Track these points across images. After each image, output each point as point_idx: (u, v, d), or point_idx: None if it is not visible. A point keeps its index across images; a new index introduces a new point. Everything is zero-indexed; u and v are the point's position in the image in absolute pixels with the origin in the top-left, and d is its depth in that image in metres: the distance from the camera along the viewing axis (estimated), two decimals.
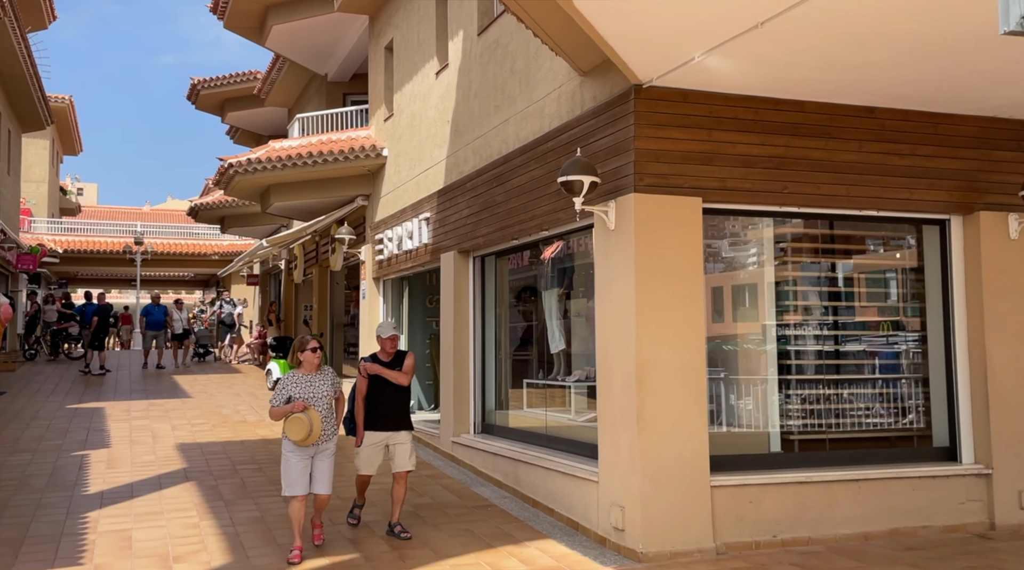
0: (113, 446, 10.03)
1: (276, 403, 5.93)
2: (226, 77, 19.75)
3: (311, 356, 6.01)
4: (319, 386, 5.99)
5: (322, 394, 5.98)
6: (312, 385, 5.96)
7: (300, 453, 5.93)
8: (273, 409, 5.96)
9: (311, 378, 6.00)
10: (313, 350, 6.02)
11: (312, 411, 5.81)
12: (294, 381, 5.96)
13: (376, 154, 12.52)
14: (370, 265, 13.11)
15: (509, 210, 8.22)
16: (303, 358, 6.02)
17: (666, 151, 6.07)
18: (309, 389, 5.93)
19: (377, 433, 6.60)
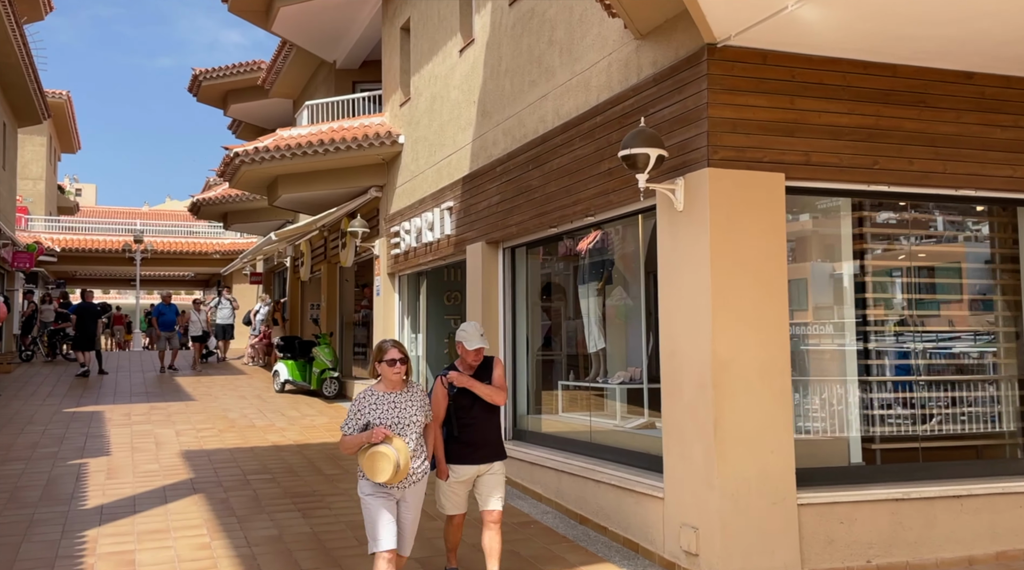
0: (113, 453, 9.28)
1: (349, 431, 4.49)
2: (229, 67, 19.01)
3: (393, 371, 4.50)
4: (406, 409, 4.53)
5: (410, 419, 4.53)
6: (396, 407, 4.52)
7: (384, 495, 4.51)
8: (345, 439, 4.49)
9: (395, 398, 4.53)
10: (392, 362, 4.50)
11: (398, 441, 4.40)
12: (372, 402, 4.52)
13: (391, 141, 11.77)
14: (384, 260, 12.36)
15: (548, 195, 7.47)
16: (383, 372, 4.53)
17: (743, 120, 5.32)
18: (393, 412, 4.50)
19: (467, 467, 5.05)
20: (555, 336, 9.18)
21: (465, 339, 5.04)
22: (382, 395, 4.55)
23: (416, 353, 12.14)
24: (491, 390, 5.02)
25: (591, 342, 8.41)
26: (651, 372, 7.50)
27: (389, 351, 4.54)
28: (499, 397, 5.03)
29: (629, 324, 8.41)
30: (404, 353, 4.57)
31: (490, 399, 5.01)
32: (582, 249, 8.43)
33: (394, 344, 4.60)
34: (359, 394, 4.58)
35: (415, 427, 4.56)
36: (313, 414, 12.28)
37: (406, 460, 4.40)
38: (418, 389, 4.69)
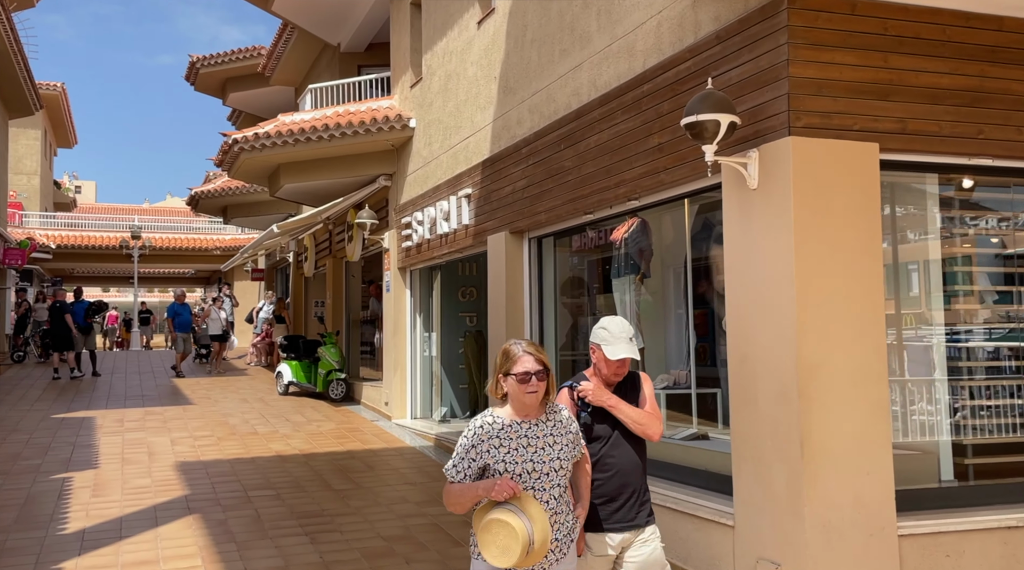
0: (101, 466, 8.48)
1: (458, 475, 3.00)
2: (227, 53, 18.19)
3: (527, 391, 2.95)
4: (547, 448, 3.00)
5: (552, 463, 3.00)
6: (533, 446, 2.99)
7: None
8: (451, 489, 3.01)
9: (529, 430, 3.01)
10: (526, 377, 2.94)
11: (533, 506, 2.88)
12: (496, 435, 2.98)
13: (402, 125, 10.95)
14: (395, 253, 11.55)
15: (583, 177, 6.65)
16: (512, 391, 3.00)
17: (830, 81, 4.50)
18: (526, 454, 2.97)
19: (608, 535, 3.35)
20: (585, 335, 8.36)
21: (606, 342, 3.37)
22: (510, 425, 3.00)
23: (429, 354, 11.34)
24: (641, 416, 3.39)
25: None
26: (698, 375, 6.72)
27: (521, 359, 2.97)
28: (653, 427, 3.42)
29: (670, 322, 7.61)
30: (545, 362, 2.99)
31: (640, 430, 3.39)
32: (617, 239, 7.61)
33: (529, 348, 3.01)
34: (476, 423, 3.03)
35: (559, 475, 3.00)
36: (319, 419, 11.49)
37: (543, 535, 2.85)
38: (563, 413, 3.12)
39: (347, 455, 9.07)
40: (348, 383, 13.41)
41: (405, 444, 9.75)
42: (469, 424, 3.06)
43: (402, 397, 11.36)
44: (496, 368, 3.06)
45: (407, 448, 9.51)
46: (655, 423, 3.44)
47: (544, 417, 3.06)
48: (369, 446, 9.59)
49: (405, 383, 11.37)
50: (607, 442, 3.39)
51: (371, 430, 10.67)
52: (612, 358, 3.34)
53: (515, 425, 3.01)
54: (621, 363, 3.39)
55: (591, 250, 8.20)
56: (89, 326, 15.73)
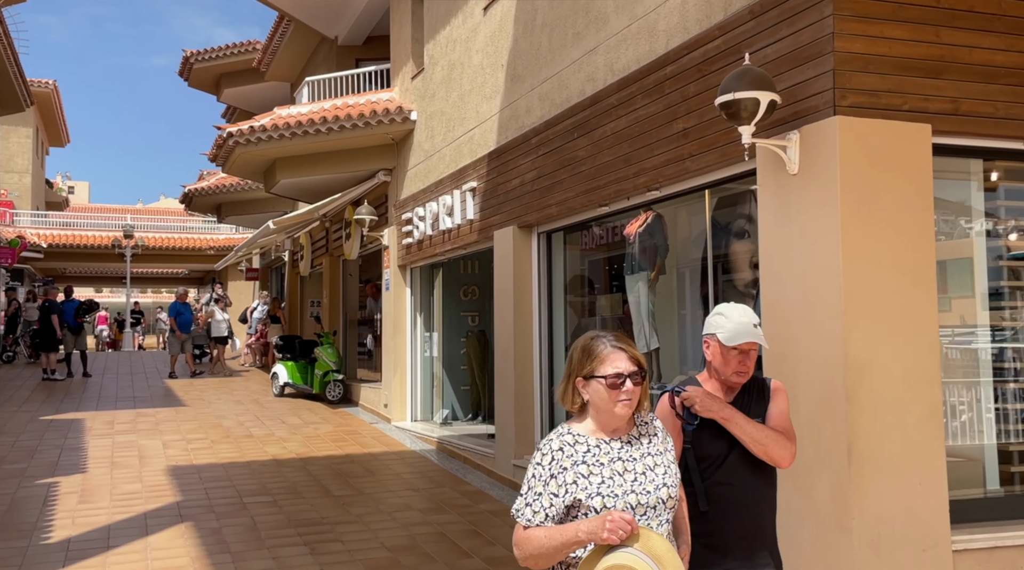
0: (90, 470, 8.09)
1: (533, 518, 2.24)
2: (222, 48, 17.80)
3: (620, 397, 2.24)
4: (647, 470, 2.30)
5: (656, 491, 2.28)
6: (630, 470, 2.28)
7: None
8: (531, 538, 2.23)
9: (622, 450, 2.30)
10: (618, 381, 2.23)
11: (656, 540, 2.16)
12: (582, 460, 2.25)
13: (402, 118, 10.59)
14: (395, 251, 11.18)
15: (598, 167, 6.30)
16: (596, 399, 2.28)
17: (878, 57, 4.15)
18: (626, 483, 2.25)
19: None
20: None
21: (722, 329, 2.64)
22: (597, 445, 2.27)
23: (430, 354, 10.98)
24: (764, 434, 2.58)
25: (642, 341, 7.26)
26: None
27: (610, 357, 2.25)
28: (780, 449, 2.58)
29: (686, 321, 7.26)
30: (640, 361, 2.28)
31: (761, 451, 2.58)
32: (630, 233, 7.27)
33: (619, 342, 2.29)
34: (552, 444, 2.27)
35: (667, 508, 2.29)
36: (316, 421, 11.11)
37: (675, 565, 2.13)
38: (656, 426, 2.39)
39: (346, 459, 8.70)
40: (346, 384, 13.04)
41: (406, 448, 9.38)
42: (540, 447, 2.27)
43: (402, 399, 10.98)
44: (571, 369, 2.31)
45: (408, 452, 9.14)
46: (784, 444, 2.58)
47: (636, 432, 2.32)
48: (369, 450, 9.22)
49: (405, 384, 11.00)
50: (719, 465, 2.60)
51: (370, 433, 10.30)
52: (730, 344, 2.58)
53: (603, 445, 2.26)
54: (743, 356, 2.60)
55: (603, 246, 7.86)
56: (79, 326, 15.31)
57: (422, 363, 11.01)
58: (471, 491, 7.33)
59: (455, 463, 8.53)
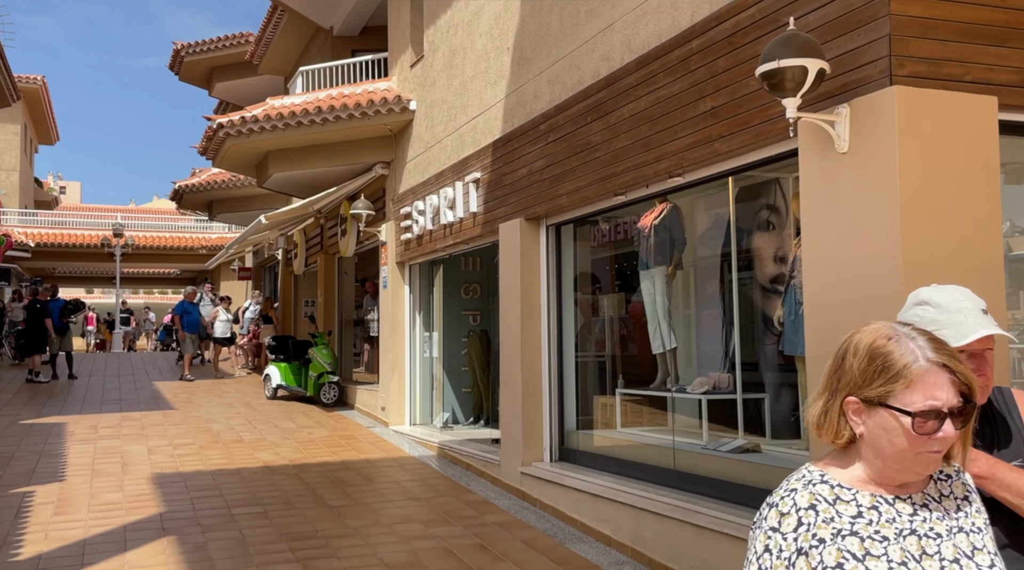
0: (69, 478, 7.61)
1: None
2: (214, 40, 17.32)
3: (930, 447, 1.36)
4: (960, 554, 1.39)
5: None
6: (931, 552, 1.38)
7: None
8: None
9: (915, 517, 1.41)
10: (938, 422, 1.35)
11: None
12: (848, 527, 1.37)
13: (401, 107, 10.13)
14: (393, 247, 10.72)
15: (614, 153, 5.85)
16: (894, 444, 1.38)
17: (938, 22, 3.72)
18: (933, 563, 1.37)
19: None
20: (607, 333, 7.59)
21: (940, 326, 1.72)
22: (874, 506, 1.41)
23: (429, 355, 10.52)
24: None
25: (657, 341, 6.83)
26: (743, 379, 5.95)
27: (928, 378, 1.37)
28: None
29: (704, 319, 6.84)
30: (971, 388, 1.38)
31: None
32: (645, 225, 6.84)
33: (937, 351, 1.39)
34: (799, 502, 1.41)
35: None
36: (311, 425, 10.64)
37: None
38: (969, 489, 1.51)
39: (342, 466, 8.23)
40: (341, 387, 12.56)
41: (405, 454, 8.92)
42: (776, 502, 1.44)
43: (400, 402, 10.52)
44: (841, 381, 1.45)
45: (408, 458, 8.68)
46: None
47: (935, 490, 1.47)
48: (366, 455, 8.75)
49: (404, 387, 10.54)
50: None
51: (367, 437, 9.83)
52: (962, 343, 1.71)
53: (884, 506, 1.41)
54: (977, 363, 1.74)
55: (616, 240, 7.43)
56: (65, 327, 14.80)
57: (421, 364, 10.55)
58: (476, 501, 6.87)
59: (457, 470, 8.08)
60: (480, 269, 10.55)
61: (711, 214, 6.67)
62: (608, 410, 7.35)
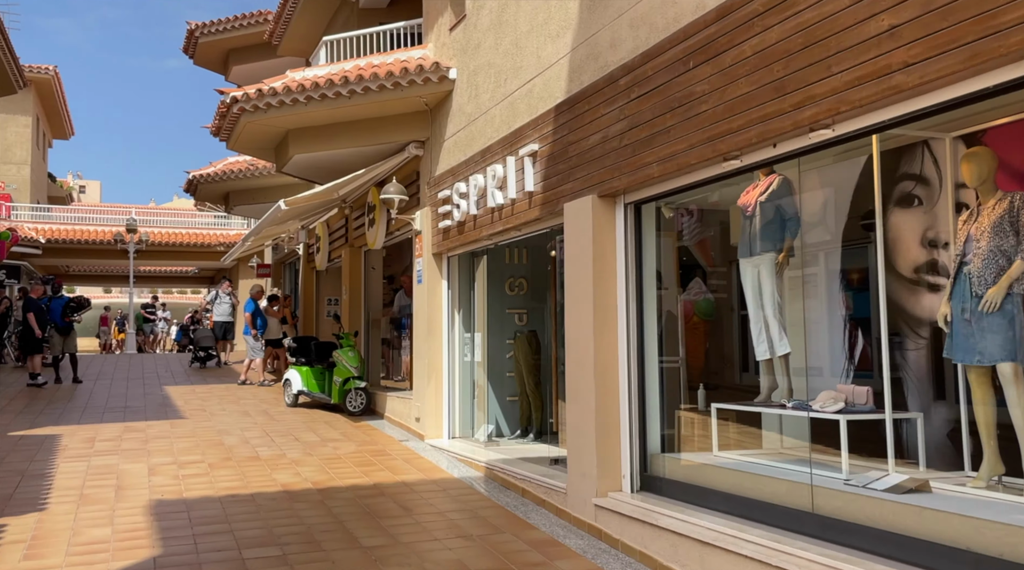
0: (51, 506, 6.42)
1: None
2: (230, 19, 16.21)
3: None
4: None
5: None
6: None
7: None
8: None
9: None
10: None
11: None
12: None
13: (439, 76, 8.88)
14: (428, 236, 9.47)
15: (729, 104, 4.56)
16: None
17: None
18: None
19: None
20: (695, 335, 6.30)
21: None
22: None
23: (470, 359, 9.25)
24: None
25: (763, 345, 5.54)
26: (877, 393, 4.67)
27: None
28: None
29: (823, 318, 5.52)
30: None
31: None
32: (748, 203, 5.55)
33: None
34: None
35: None
36: (336, 438, 9.41)
37: None
38: None
39: (374, 491, 6.99)
40: (369, 393, 11.33)
41: (446, 474, 7.66)
42: None
43: (437, 412, 9.27)
44: None
45: (450, 480, 7.42)
46: None
47: None
48: (401, 477, 7.51)
49: (441, 395, 9.29)
50: None
51: (400, 454, 8.59)
52: None
53: None
54: None
55: (706, 218, 6.15)
56: (68, 326, 13.71)
57: (461, 369, 9.29)
58: (541, 540, 5.59)
59: (511, 496, 6.80)
60: (526, 261, 9.28)
61: (826, 187, 5.36)
62: (698, 428, 6.06)
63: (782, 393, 5.42)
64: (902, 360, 4.93)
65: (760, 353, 5.54)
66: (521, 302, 9.27)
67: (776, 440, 5.71)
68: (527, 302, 9.26)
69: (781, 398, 5.35)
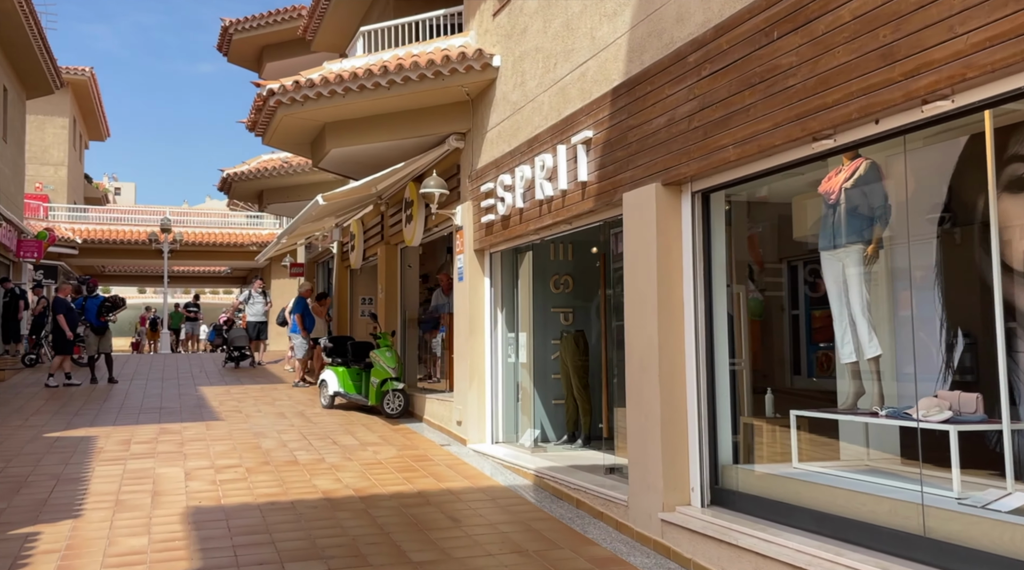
0: (85, 513, 6.13)
1: None
2: (264, 15, 16.01)
3: None
4: None
5: None
6: None
7: None
8: None
9: None
10: None
11: None
12: None
13: (482, 64, 8.48)
14: (470, 232, 9.08)
15: (822, 76, 4.10)
16: None
17: None
18: None
19: None
20: (776, 333, 5.84)
21: None
22: None
23: (515, 360, 8.85)
24: None
25: (849, 346, 5.07)
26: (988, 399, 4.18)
27: None
28: None
29: (913, 315, 5.02)
30: None
31: None
32: (831, 190, 5.07)
33: None
34: None
35: None
36: (375, 441, 9.06)
37: None
38: None
39: (419, 499, 6.61)
40: (407, 395, 10.97)
41: (493, 482, 7.26)
42: None
43: (480, 415, 8.88)
44: None
45: (498, 489, 7.02)
46: None
47: None
48: (446, 484, 7.13)
49: (484, 398, 8.89)
50: None
51: (443, 459, 8.21)
52: None
53: None
54: None
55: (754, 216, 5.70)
56: (104, 326, 13.56)
57: (504, 371, 8.89)
58: (603, 557, 5.17)
59: (565, 507, 6.38)
60: (572, 258, 8.85)
61: (918, 173, 4.86)
62: (769, 437, 5.59)
63: (871, 399, 4.94)
64: (1013, 364, 4.43)
65: (845, 355, 5.07)
66: (566, 300, 8.85)
67: (859, 451, 5.23)
68: (572, 300, 8.84)
69: (872, 405, 4.87)
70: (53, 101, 24.70)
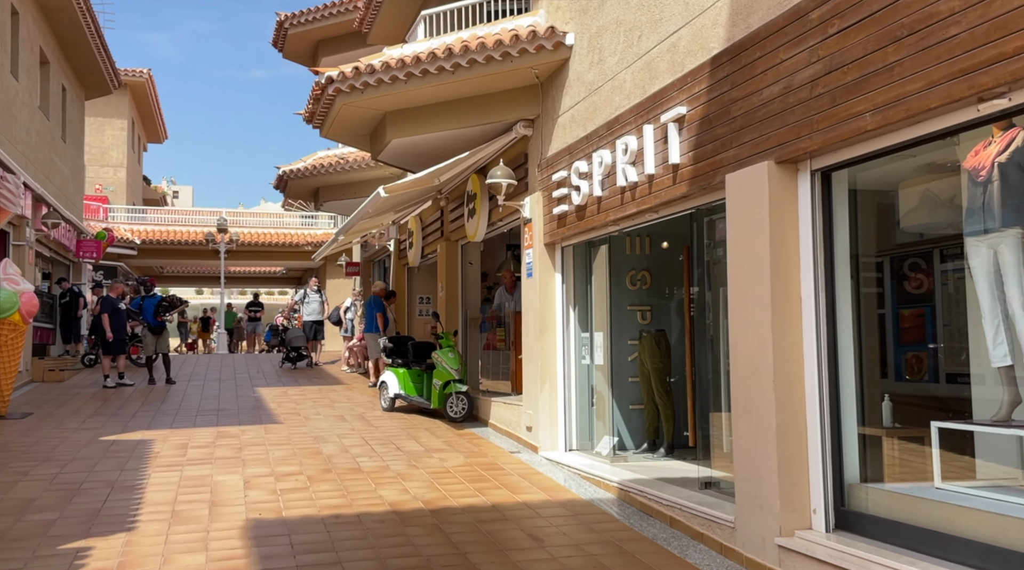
0: (140, 525, 5.72)
1: None
2: (319, 8, 15.70)
3: None
4: None
5: None
6: None
7: None
8: None
9: None
10: None
11: None
12: None
13: (554, 43, 7.89)
14: (540, 225, 8.50)
15: (997, 22, 3.41)
16: None
17: None
18: None
19: None
20: (905, 334, 5.11)
21: None
22: None
23: (589, 361, 8.23)
24: None
25: (1003, 347, 4.32)
26: None
27: None
28: None
29: None
30: None
31: None
32: (981, 166, 4.33)
33: None
34: None
35: None
36: (440, 447, 8.54)
37: None
38: None
39: (494, 513, 6.05)
40: (470, 398, 10.44)
41: (572, 495, 6.66)
42: None
43: (552, 421, 8.28)
44: None
45: (579, 502, 6.41)
46: None
47: None
48: (521, 496, 6.55)
49: (556, 402, 8.30)
50: None
51: (514, 467, 7.64)
52: None
53: None
54: None
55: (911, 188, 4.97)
56: (161, 326, 13.37)
57: (577, 373, 8.28)
58: None
59: (657, 526, 5.74)
60: (649, 252, 8.19)
61: None
62: (902, 451, 4.87)
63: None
64: None
65: (997, 358, 4.32)
66: (644, 298, 8.19)
67: (1010, 471, 4.48)
68: (650, 298, 8.18)
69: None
70: (112, 103, 24.98)
